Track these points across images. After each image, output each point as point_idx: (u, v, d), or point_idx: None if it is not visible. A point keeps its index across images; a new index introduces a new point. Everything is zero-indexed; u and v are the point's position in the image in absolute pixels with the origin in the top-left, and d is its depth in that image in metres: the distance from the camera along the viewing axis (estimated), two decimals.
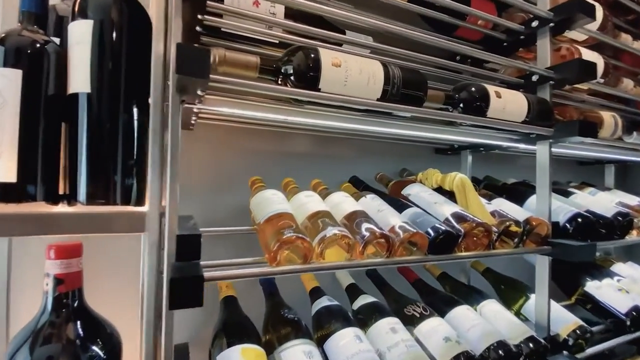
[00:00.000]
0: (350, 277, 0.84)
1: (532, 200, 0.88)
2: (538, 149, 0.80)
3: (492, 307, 0.80)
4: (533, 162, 0.80)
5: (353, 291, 0.80)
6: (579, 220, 0.80)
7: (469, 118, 0.65)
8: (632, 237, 0.92)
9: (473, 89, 0.66)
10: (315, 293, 0.76)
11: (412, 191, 0.77)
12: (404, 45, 0.67)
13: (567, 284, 1.05)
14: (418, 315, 0.72)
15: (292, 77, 0.51)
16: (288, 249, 0.50)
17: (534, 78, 0.79)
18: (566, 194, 0.98)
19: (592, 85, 0.87)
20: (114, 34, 0.45)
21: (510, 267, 1.13)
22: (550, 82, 0.76)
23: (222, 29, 0.60)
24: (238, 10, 0.55)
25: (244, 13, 0.55)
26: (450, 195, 0.74)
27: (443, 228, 0.60)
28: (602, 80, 0.91)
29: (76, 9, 0.44)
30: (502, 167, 1.21)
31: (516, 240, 0.70)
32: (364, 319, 0.71)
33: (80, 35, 0.43)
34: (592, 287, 0.98)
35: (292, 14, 0.62)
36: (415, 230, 0.58)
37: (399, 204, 0.72)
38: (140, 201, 0.46)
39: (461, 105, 0.66)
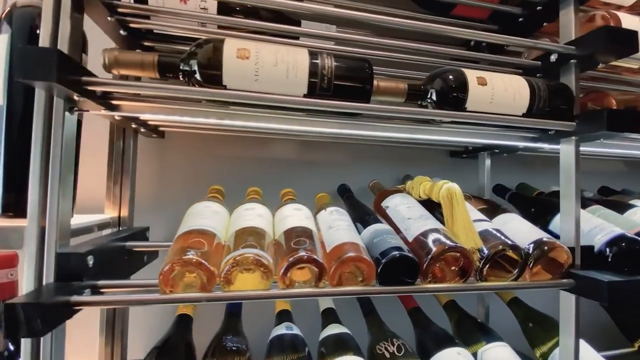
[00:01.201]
0: (329, 301, 0.74)
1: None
2: (561, 149, 0.61)
3: (498, 353, 0.63)
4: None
5: (326, 317, 0.70)
6: (623, 245, 0.59)
7: (440, 114, 0.52)
8: None
9: (445, 76, 0.52)
10: (279, 317, 0.68)
11: (391, 203, 0.65)
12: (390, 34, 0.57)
13: (630, 326, 0.80)
14: (388, 356, 0.59)
15: (195, 75, 0.44)
16: (188, 272, 0.43)
17: (553, 58, 0.61)
18: (623, 207, 0.75)
19: None
20: None
21: (551, 299, 0.91)
22: (571, 60, 0.58)
23: (155, 31, 0.57)
24: (158, 8, 0.51)
25: (165, 11, 0.51)
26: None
27: (394, 253, 0.48)
28: None
29: None
30: (537, 171, 0.99)
31: (516, 271, 0.54)
32: (325, 353, 0.60)
33: None
34: None
35: (229, 8, 0.57)
36: (353, 255, 0.47)
37: (368, 218, 0.60)
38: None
39: (433, 98, 0.53)
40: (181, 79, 0.45)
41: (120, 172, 0.63)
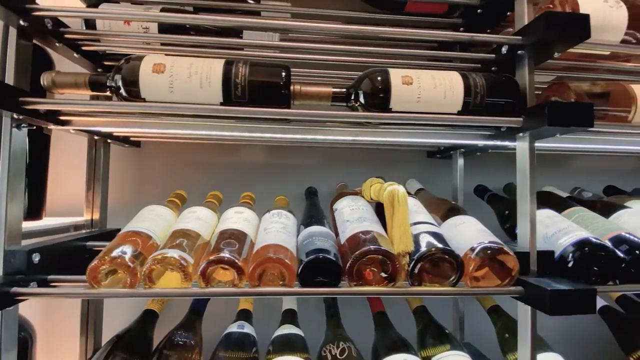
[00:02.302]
0: (292, 301, 0.75)
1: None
2: (517, 147, 0.57)
3: None
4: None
5: (284, 318, 0.71)
6: (585, 250, 0.53)
7: (363, 116, 0.51)
8: None
9: (370, 77, 0.52)
10: (237, 316, 0.71)
11: (339, 205, 0.65)
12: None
13: (627, 338, 0.71)
14: (329, 358, 0.59)
15: (120, 90, 0.49)
16: (112, 269, 0.47)
17: (504, 50, 0.57)
18: (612, 209, 0.67)
19: (612, 49, 0.58)
20: None
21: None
22: (519, 51, 0.54)
23: (108, 52, 0.63)
24: (102, 32, 0.57)
25: (109, 34, 0.57)
26: None
27: (312, 256, 0.48)
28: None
29: None
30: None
31: (453, 276, 0.51)
32: (270, 351, 0.62)
33: None
34: None
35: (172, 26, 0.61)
36: (270, 256, 0.48)
37: (309, 221, 0.61)
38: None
39: (360, 100, 0.53)
40: (109, 94, 0.50)
41: (93, 179, 0.70)
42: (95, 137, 0.69)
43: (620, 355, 0.74)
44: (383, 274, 0.51)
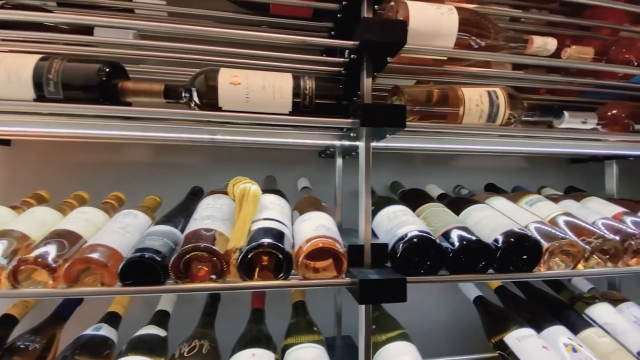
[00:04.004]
0: (168, 302, 0.75)
1: (385, 212, 0.68)
2: (359, 146, 0.60)
3: (303, 353, 0.62)
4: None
5: (153, 318, 0.70)
6: (415, 241, 0.57)
7: (191, 114, 0.52)
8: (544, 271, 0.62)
9: (202, 76, 0.52)
10: (102, 318, 0.69)
11: (199, 204, 0.65)
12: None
13: (490, 325, 0.76)
14: (177, 356, 0.59)
15: None
16: None
17: (346, 54, 0.60)
18: (465, 205, 0.72)
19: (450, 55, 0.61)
20: None
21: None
22: (352, 55, 0.57)
23: None
24: None
25: None
26: None
27: (131, 256, 0.48)
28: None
29: None
30: (418, 168, 0.97)
31: (283, 270, 0.53)
32: (122, 351, 0.61)
33: None
34: (513, 337, 0.70)
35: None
36: (82, 257, 0.47)
37: (163, 219, 0.61)
38: None
39: (194, 98, 0.53)
40: None
41: None
42: None
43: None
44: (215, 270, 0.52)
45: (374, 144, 0.67)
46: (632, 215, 0.77)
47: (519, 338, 0.68)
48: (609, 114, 0.70)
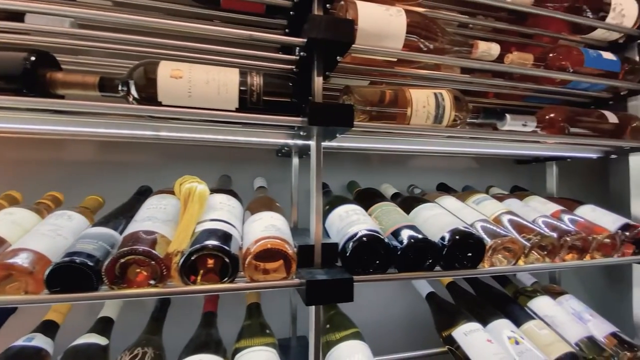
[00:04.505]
0: (110, 308, 0.70)
1: (337, 212, 0.68)
2: (311, 146, 0.60)
3: (253, 357, 0.60)
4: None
5: (94, 326, 0.66)
6: (364, 240, 0.57)
7: (131, 109, 0.49)
8: (489, 266, 0.65)
9: (140, 69, 0.50)
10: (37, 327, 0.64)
11: (143, 205, 0.62)
12: None
13: (440, 320, 0.79)
14: None
15: None
16: None
17: (296, 52, 0.59)
18: (416, 204, 0.74)
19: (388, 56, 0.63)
20: None
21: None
22: (302, 53, 0.56)
23: None
24: None
25: None
26: None
27: (60, 261, 0.45)
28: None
29: None
30: (374, 167, 0.99)
31: (229, 273, 0.51)
32: None
33: None
34: (461, 332, 0.72)
35: None
36: (6, 262, 0.43)
37: (102, 221, 0.57)
38: None
39: (132, 91, 0.50)
40: None
41: None
42: None
43: None
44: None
45: (325, 143, 0.68)
46: (569, 213, 0.82)
47: (465, 332, 0.70)
48: (547, 117, 0.74)
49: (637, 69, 0.84)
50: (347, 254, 0.57)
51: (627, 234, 0.78)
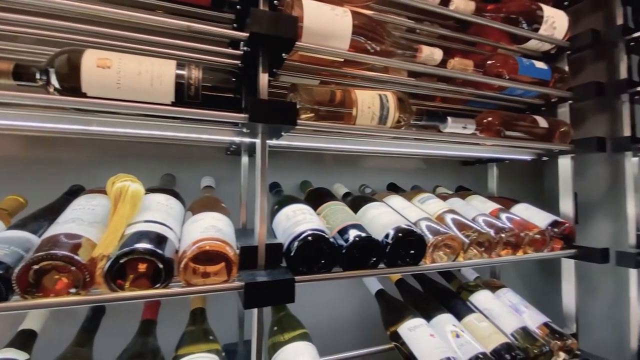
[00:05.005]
0: (33, 319, 0.64)
1: (285, 211, 0.66)
2: (256, 144, 0.58)
3: None
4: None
5: (13, 340, 0.59)
6: (309, 239, 0.57)
7: (51, 99, 0.44)
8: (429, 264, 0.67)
9: (62, 57, 0.45)
10: None
11: (70, 205, 0.57)
12: None
13: (387, 316, 0.80)
14: None
15: None
16: None
17: (241, 47, 0.57)
18: (364, 203, 0.75)
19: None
20: None
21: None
22: (245, 48, 0.55)
23: None
24: None
25: None
26: None
27: None
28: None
29: None
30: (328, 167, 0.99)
31: (162, 276, 0.48)
32: None
33: None
34: (405, 328, 0.74)
35: None
36: None
37: (18, 224, 0.52)
38: None
39: (52, 81, 0.46)
40: None
41: None
42: None
43: None
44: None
45: (274, 142, 0.66)
46: (506, 211, 0.87)
47: (410, 328, 0.72)
48: (484, 121, 0.79)
49: (566, 78, 0.91)
50: (292, 254, 0.56)
51: (556, 230, 0.85)
